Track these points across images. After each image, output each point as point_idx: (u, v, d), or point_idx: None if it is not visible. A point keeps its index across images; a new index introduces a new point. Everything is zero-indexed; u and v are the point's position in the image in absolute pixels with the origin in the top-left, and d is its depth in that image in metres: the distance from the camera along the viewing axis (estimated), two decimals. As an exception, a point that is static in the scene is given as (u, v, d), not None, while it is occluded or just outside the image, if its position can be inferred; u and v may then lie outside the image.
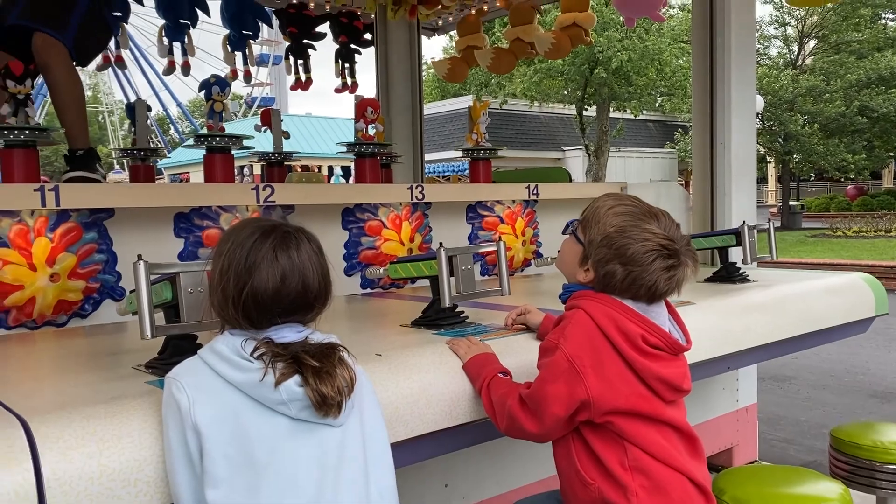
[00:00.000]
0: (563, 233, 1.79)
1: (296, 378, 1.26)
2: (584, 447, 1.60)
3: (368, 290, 3.28)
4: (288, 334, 1.34)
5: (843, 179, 31.28)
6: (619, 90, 22.14)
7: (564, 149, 27.01)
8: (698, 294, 2.76)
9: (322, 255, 1.39)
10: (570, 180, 5.49)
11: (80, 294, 2.45)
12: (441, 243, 2.08)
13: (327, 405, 1.27)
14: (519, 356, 1.91)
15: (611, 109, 23.33)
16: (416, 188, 3.34)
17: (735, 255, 3.26)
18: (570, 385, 1.54)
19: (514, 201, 3.80)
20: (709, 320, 2.52)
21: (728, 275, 3.15)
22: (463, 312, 2.21)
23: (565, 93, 23.48)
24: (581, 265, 1.68)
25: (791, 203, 23.60)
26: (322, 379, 1.27)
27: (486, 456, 2.78)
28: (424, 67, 6.75)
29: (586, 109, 23.34)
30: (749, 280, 3.14)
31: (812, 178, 36.85)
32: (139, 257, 1.53)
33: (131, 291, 1.71)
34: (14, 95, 2.66)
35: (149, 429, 1.33)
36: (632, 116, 25.05)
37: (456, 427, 1.75)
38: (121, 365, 1.75)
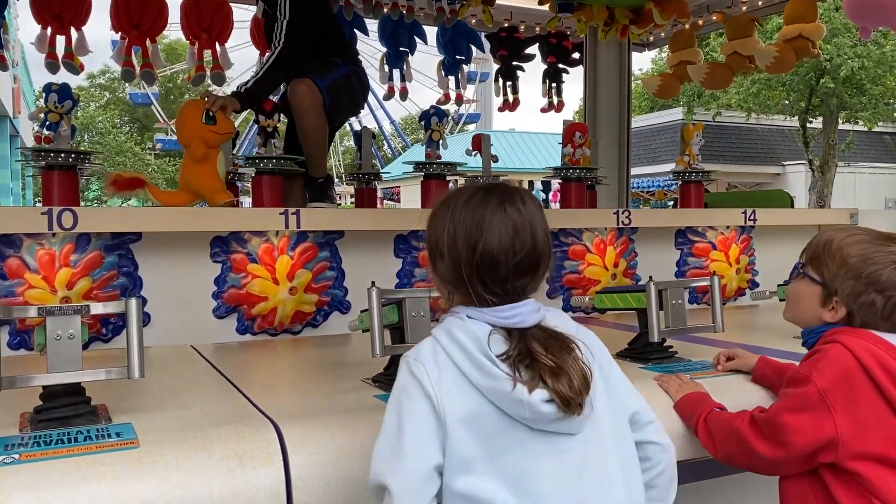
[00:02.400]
0: (790, 279, 1.72)
1: (542, 394, 1.21)
2: (824, 496, 1.51)
3: (570, 315, 3.29)
4: (525, 315, 1.28)
5: None
6: (850, 100, 20.15)
7: (785, 163, 24.90)
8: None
9: (543, 212, 1.34)
10: (792, 204, 5.12)
11: (314, 306, 2.74)
12: (651, 277, 2.06)
13: (570, 406, 1.21)
14: (735, 398, 1.82)
15: (840, 121, 21.29)
16: (623, 213, 3.31)
17: None
18: (818, 418, 1.47)
19: (728, 227, 3.63)
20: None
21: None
22: (671, 347, 2.17)
23: (786, 103, 21.78)
24: (825, 305, 1.62)
25: None
26: (559, 378, 1.22)
27: (698, 499, 2.67)
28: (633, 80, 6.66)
29: (810, 122, 21.47)
30: None
31: None
32: (373, 283, 1.69)
33: (363, 311, 1.89)
34: (264, 128, 3.03)
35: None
36: (865, 128, 22.63)
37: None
38: (350, 377, 1.93)
